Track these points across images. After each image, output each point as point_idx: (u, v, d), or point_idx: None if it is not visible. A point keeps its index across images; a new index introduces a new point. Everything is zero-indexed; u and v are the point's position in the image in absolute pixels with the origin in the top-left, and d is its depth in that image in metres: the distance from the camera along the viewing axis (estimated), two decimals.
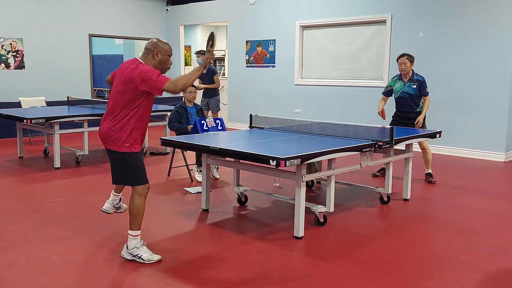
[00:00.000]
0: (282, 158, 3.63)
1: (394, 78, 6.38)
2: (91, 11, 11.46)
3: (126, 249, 3.65)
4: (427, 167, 6.31)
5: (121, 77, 3.56)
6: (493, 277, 3.47)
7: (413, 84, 6.12)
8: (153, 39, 3.66)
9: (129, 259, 3.64)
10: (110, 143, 3.58)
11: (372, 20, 9.06)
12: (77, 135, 8.05)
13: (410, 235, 4.32)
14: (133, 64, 3.52)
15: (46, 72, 10.74)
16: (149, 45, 3.60)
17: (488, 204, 5.33)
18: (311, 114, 9.73)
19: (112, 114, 3.58)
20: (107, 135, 3.58)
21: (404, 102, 6.21)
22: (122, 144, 3.55)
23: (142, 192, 3.63)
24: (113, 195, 4.18)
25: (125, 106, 3.52)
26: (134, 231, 3.62)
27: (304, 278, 3.38)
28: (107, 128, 3.58)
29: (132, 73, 3.47)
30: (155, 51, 3.57)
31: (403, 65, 6.11)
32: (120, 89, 3.53)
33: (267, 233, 4.30)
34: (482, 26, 7.76)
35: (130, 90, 3.48)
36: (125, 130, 3.53)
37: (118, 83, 3.57)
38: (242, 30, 11.28)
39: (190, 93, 6.38)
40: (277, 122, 5.67)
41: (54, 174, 6.55)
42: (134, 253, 3.61)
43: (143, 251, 3.63)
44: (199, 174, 6.21)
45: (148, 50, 3.59)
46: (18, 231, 4.28)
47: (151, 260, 3.61)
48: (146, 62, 3.57)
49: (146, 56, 3.60)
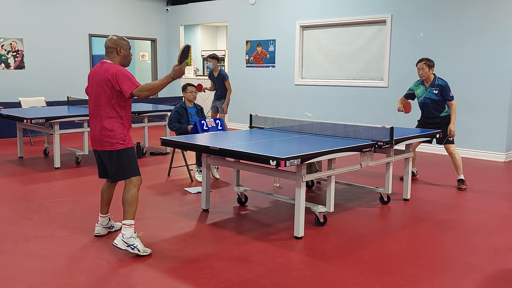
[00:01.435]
0: (282, 158, 3.63)
1: (416, 82, 6.09)
2: (91, 11, 11.47)
3: (122, 238, 3.71)
4: (458, 173, 6.00)
5: (96, 79, 3.74)
6: (493, 277, 3.47)
7: (435, 89, 5.85)
8: (112, 36, 3.83)
9: (122, 248, 3.70)
10: (105, 144, 3.75)
11: (372, 20, 9.06)
12: (77, 135, 8.05)
13: (410, 235, 4.32)
14: (105, 65, 3.72)
15: (46, 72, 10.75)
16: (110, 43, 3.78)
17: (488, 204, 5.33)
18: (311, 114, 9.74)
19: (99, 117, 3.75)
20: (100, 137, 3.76)
21: (427, 108, 5.96)
22: (117, 143, 3.73)
23: (137, 183, 3.82)
24: (101, 217, 4.14)
25: (110, 106, 3.70)
26: (129, 220, 3.75)
27: (304, 278, 3.38)
28: (99, 131, 3.75)
29: (106, 73, 3.66)
30: (118, 48, 3.78)
31: (421, 70, 5.87)
32: (99, 91, 3.71)
33: (267, 233, 4.30)
34: (482, 26, 7.75)
35: (109, 89, 3.66)
36: (117, 129, 3.72)
37: (97, 86, 3.74)
38: (242, 30, 11.28)
39: (190, 93, 6.38)
40: (277, 122, 5.67)
41: (54, 174, 6.55)
42: (130, 243, 3.70)
43: (138, 241, 3.75)
44: (199, 174, 6.20)
45: (111, 48, 3.77)
46: (18, 231, 4.28)
47: (145, 252, 3.72)
48: (113, 60, 3.77)
49: (110, 54, 3.79)
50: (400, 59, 8.71)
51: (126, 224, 3.74)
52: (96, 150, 3.86)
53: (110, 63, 3.73)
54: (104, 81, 3.66)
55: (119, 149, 3.74)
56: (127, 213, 3.76)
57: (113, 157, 3.76)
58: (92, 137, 3.83)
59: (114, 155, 3.75)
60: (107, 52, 3.79)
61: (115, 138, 3.71)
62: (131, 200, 3.76)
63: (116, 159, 3.75)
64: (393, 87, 8.85)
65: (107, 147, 3.74)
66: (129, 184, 3.79)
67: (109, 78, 3.63)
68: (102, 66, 3.75)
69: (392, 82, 8.86)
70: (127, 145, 3.77)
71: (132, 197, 3.77)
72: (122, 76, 3.63)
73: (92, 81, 3.81)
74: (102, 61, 3.80)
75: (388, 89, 8.91)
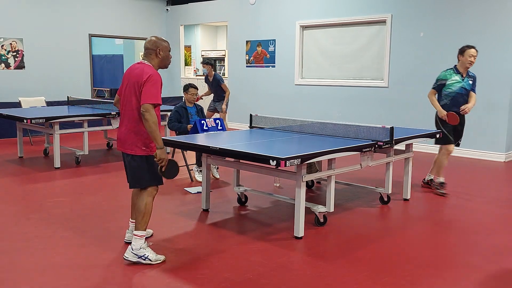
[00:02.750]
0: (282, 158, 3.63)
1: (449, 71, 5.65)
2: (91, 11, 11.47)
3: (131, 250, 3.58)
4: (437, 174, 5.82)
5: (130, 79, 3.60)
6: (493, 277, 3.47)
7: (470, 79, 5.62)
8: (152, 37, 3.70)
9: (134, 261, 3.57)
10: (127, 147, 3.62)
11: (372, 20, 9.06)
12: (77, 135, 8.05)
13: (410, 235, 4.32)
14: (141, 66, 3.58)
15: (46, 72, 10.74)
16: (149, 45, 3.64)
17: (488, 204, 5.33)
18: (311, 114, 9.74)
19: (127, 118, 3.62)
20: (124, 139, 3.63)
21: (460, 98, 5.59)
22: (139, 148, 3.59)
23: (152, 193, 3.68)
24: (131, 222, 3.97)
25: (139, 109, 3.53)
26: (141, 231, 3.61)
27: (304, 278, 3.38)
28: (124, 132, 3.63)
29: (141, 74, 3.51)
30: (157, 50, 3.64)
31: (473, 58, 5.47)
32: (131, 91, 3.57)
33: (267, 233, 4.30)
34: (482, 26, 7.76)
35: (139, 91, 3.50)
36: (142, 134, 3.57)
37: (130, 86, 3.59)
38: (242, 30, 11.28)
39: (192, 95, 6.37)
40: (277, 122, 5.67)
41: (54, 174, 6.55)
42: (141, 254, 3.56)
43: (149, 251, 3.61)
44: (199, 174, 6.20)
45: (150, 50, 3.64)
46: (19, 231, 4.28)
47: (158, 260, 3.60)
48: (151, 62, 3.64)
49: (149, 56, 3.65)
50: (400, 59, 8.71)
51: (137, 235, 3.59)
52: (120, 151, 3.73)
53: (148, 65, 3.60)
54: (135, 83, 3.52)
55: (140, 154, 3.59)
56: (139, 223, 3.61)
57: (133, 161, 3.62)
58: (118, 137, 3.70)
59: (134, 160, 3.61)
60: (146, 54, 3.66)
61: (138, 142, 3.57)
62: (145, 212, 3.61)
63: (135, 164, 3.61)
64: (393, 87, 8.86)
65: (128, 149, 3.61)
66: (144, 193, 3.65)
67: (141, 81, 3.49)
68: (139, 66, 3.61)
69: (392, 82, 8.86)
70: (149, 152, 3.61)
71: (146, 207, 3.61)
72: (149, 84, 3.47)
73: (125, 81, 3.67)
74: (140, 61, 3.67)
75: (388, 89, 8.92)
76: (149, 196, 3.65)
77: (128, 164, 3.70)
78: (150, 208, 3.65)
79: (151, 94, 3.45)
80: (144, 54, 3.68)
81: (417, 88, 8.53)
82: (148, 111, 3.40)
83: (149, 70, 3.53)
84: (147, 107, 3.41)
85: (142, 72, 3.53)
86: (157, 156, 3.49)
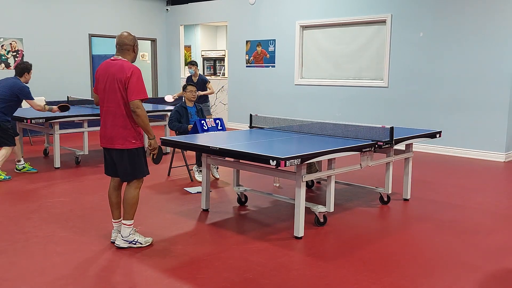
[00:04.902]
0: (282, 158, 3.63)
1: None
2: (91, 11, 11.46)
3: (122, 237, 3.79)
4: None
5: (109, 76, 3.66)
6: (493, 277, 3.47)
7: None
8: (124, 33, 3.78)
9: (125, 246, 3.79)
10: (117, 142, 3.69)
11: (372, 20, 9.06)
12: (77, 135, 8.06)
13: (410, 235, 4.32)
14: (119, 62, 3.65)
15: (46, 72, 10.74)
16: (128, 41, 3.74)
17: (488, 204, 5.33)
18: (311, 114, 9.74)
19: (112, 114, 3.68)
20: (112, 135, 3.69)
21: None
22: (129, 142, 3.70)
23: (139, 184, 3.85)
24: (114, 222, 4.00)
25: (125, 104, 3.65)
26: (129, 220, 3.81)
27: (304, 278, 3.38)
28: (111, 129, 3.70)
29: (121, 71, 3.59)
30: (134, 45, 3.79)
31: None
32: (113, 88, 3.64)
33: (267, 233, 4.30)
34: (482, 26, 7.75)
35: (123, 87, 3.61)
36: (130, 128, 3.69)
37: (110, 83, 3.65)
38: (242, 30, 11.28)
39: (190, 92, 6.39)
40: (277, 122, 5.67)
41: (54, 174, 6.55)
42: (130, 239, 3.79)
43: (138, 235, 3.83)
44: (199, 174, 6.21)
45: (128, 46, 3.75)
46: (18, 231, 4.28)
47: (147, 242, 3.84)
48: (126, 57, 3.74)
49: (125, 51, 3.75)
50: (400, 59, 8.71)
51: (126, 224, 3.79)
52: (106, 148, 3.80)
53: (125, 61, 3.67)
54: (118, 80, 3.59)
55: (130, 148, 3.71)
56: (128, 213, 3.80)
57: (124, 156, 3.72)
58: (103, 135, 3.77)
59: (126, 154, 3.72)
60: (121, 49, 3.72)
61: (128, 136, 3.69)
62: (133, 202, 3.79)
63: (127, 158, 3.73)
64: (393, 87, 8.86)
65: (118, 145, 3.69)
66: (132, 185, 3.80)
67: (124, 77, 3.57)
68: (116, 62, 3.66)
69: (392, 82, 8.86)
70: (138, 145, 3.75)
71: (134, 198, 3.80)
72: (135, 79, 3.58)
73: (102, 78, 3.70)
74: (114, 57, 3.72)
75: (388, 89, 8.92)
76: (137, 188, 3.84)
77: (118, 159, 3.76)
78: (137, 198, 3.84)
79: (139, 89, 3.59)
80: (119, 50, 3.75)
81: (417, 88, 8.53)
82: (139, 107, 3.58)
83: (130, 66, 3.65)
84: (137, 104, 3.57)
85: (123, 68, 3.61)
86: (151, 146, 3.77)
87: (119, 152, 3.72)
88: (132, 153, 3.73)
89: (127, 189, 3.81)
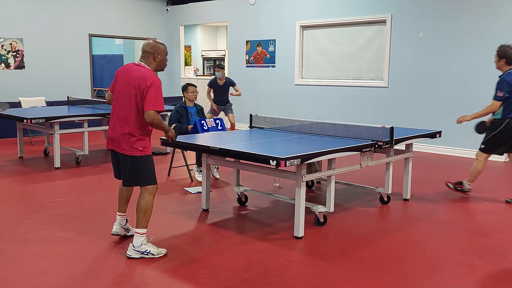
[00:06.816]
0: (282, 158, 3.63)
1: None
2: (91, 11, 11.47)
3: (133, 247, 3.66)
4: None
5: (127, 80, 3.61)
6: (493, 277, 3.47)
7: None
8: (149, 40, 3.73)
9: (137, 257, 3.64)
10: (123, 147, 3.64)
11: (372, 20, 9.06)
12: (77, 135, 8.06)
13: (410, 235, 4.32)
14: (142, 70, 3.60)
15: (46, 72, 10.74)
16: (148, 48, 3.67)
17: (488, 204, 5.33)
18: (311, 114, 9.74)
19: (123, 119, 3.63)
20: (120, 140, 3.64)
21: None
22: (136, 149, 3.63)
23: (153, 191, 3.75)
24: (119, 215, 4.04)
25: (137, 112, 3.58)
26: (142, 229, 3.68)
27: (304, 278, 3.39)
28: (120, 133, 3.64)
29: (142, 79, 3.53)
30: (156, 54, 3.68)
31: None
32: (129, 93, 3.58)
33: (267, 233, 4.30)
34: (481, 26, 7.76)
35: (140, 95, 3.55)
36: (139, 136, 3.62)
37: (127, 87, 3.60)
38: (242, 30, 11.28)
39: (192, 93, 6.38)
40: (277, 122, 5.67)
41: (54, 174, 6.55)
42: (142, 250, 3.64)
43: (150, 246, 3.68)
44: (199, 174, 6.21)
45: (148, 53, 3.67)
46: (19, 231, 4.28)
47: (160, 254, 3.68)
48: (149, 65, 3.66)
49: (146, 59, 3.68)
50: (400, 59, 8.71)
51: (139, 233, 3.66)
52: (113, 150, 3.76)
53: (148, 70, 3.62)
54: (137, 87, 3.53)
55: (136, 155, 3.63)
56: (141, 221, 3.67)
57: (129, 162, 3.65)
58: (111, 137, 3.71)
59: (131, 160, 3.64)
60: (143, 56, 3.68)
61: (135, 144, 3.61)
62: (146, 209, 3.68)
63: (132, 164, 3.65)
64: (393, 87, 8.86)
65: (125, 150, 3.63)
66: (145, 192, 3.70)
67: (143, 85, 3.51)
68: (138, 69, 3.62)
69: (392, 82, 8.86)
70: (145, 153, 3.66)
71: (147, 205, 3.68)
72: (154, 90, 3.52)
73: (121, 80, 3.67)
74: (138, 62, 3.68)
75: (388, 89, 8.92)
76: (151, 194, 3.73)
77: (124, 164, 3.71)
78: (151, 206, 3.72)
79: (156, 100, 3.53)
80: (142, 56, 3.70)
81: (417, 88, 8.54)
82: (155, 117, 3.54)
83: (151, 75, 3.57)
84: (153, 115, 3.52)
85: (144, 76, 3.54)
86: (170, 136, 3.86)
87: (124, 157, 3.67)
88: (138, 160, 3.64)
89: (140, 196, 3.72)
